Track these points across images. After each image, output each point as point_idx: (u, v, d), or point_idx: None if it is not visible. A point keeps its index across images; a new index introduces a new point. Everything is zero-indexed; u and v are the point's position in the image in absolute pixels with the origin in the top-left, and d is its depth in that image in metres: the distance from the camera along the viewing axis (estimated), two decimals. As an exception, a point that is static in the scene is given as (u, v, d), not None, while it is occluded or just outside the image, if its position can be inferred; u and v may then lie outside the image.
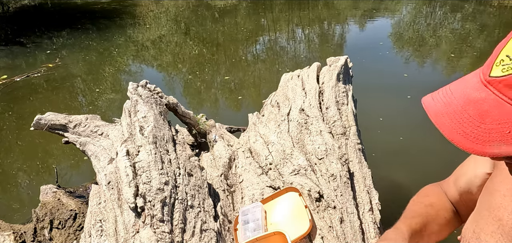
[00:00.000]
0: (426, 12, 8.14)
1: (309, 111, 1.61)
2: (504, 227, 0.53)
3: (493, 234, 0.55)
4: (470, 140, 0.37)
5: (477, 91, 0.39)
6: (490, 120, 0.37)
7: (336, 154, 1.34)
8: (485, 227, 0.57)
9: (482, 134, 0.37)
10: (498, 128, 0.36)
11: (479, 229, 0.58)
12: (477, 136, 0.37)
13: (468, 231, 0.62)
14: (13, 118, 3.80)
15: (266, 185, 1.32)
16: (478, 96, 0.38)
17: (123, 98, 2.11)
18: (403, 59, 5.34)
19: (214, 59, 5.66)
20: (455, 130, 0.39)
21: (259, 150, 1.50)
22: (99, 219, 1.09)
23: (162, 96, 1.71)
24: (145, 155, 1.19)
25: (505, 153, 0.35)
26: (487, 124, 0.37)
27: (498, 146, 0.36)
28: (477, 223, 0.60)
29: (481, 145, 0.37)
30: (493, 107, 0.37)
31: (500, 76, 0.36)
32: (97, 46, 6.26)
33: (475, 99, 0.39)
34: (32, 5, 9.48)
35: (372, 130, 2.97)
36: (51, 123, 1.79)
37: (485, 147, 0.36)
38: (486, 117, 0.37)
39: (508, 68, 0.36)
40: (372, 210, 1.24)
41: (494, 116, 0.36)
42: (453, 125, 0.39)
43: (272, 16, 8.46)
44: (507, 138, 0.35)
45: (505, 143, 0.35)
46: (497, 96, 0.37)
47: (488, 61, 0.40)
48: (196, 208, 1.14)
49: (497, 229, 0.54)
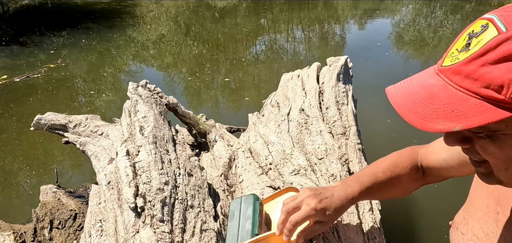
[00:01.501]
0: (426, 12, 8.14)
1: (309, 111, 1.61)
2: (490, 213, 0.61)
3: (480, 220, 0.62)
4: (420, 118, 0.43)
5: (430, 78, 0.46)
6: (438, 101, 0.43)
7: (336, 154, 1.34)
8: (474, 214, 0.64)
9: (430, 112, 0.43)
10: (443, 107, 0.42)
11: (469, 216, 0.66)
12: (426, 114, 0.43)
13: (459, 217, 0.69)
14: (13, 118, 3.80)
15: (266, 185, 1.32)
16: (430, 82, 0.45)
17: (123, 98, 2.11)
18: (403, 59, 5.34)
19: (214, 59, 5.66)
20: (408, 109, 0.45)
21: (259, 150, 1.50)
22: (99, 219, 1.09)
23: (162, 96, 1.71)
24: (145, 155, 1.19)
25: (447, 129, 0.41)
26: (435, 104, 0.43)
27: (442, 123, 0.42)
28: (468, 210, 0.67)
29: (429, 122, 0.43)
30: (441, 90, 0.43)
31: (449, 65, 0.44)
32: (97, 46, 6.26)
33: (428, 85, 0.45)
34: (32, 5, 9.48)
35: (372, 130, 2.97)
36: (51, 123, 1.79)
37: (433, 123, 0.42)
38: (435, 98, 0.43)
39: (455, 58, 0.43)
40: (372, 210, 1.24)
41: (442, 98, 0.43)
42: (407, 105, 0.46)
43: (272, 16, 8.46)
44: (451, 116, 0.41)
45: (448, 120, 0.41)
46: (445, 81, 0.44)
47: (443, 55, 0.47)
48: (196, 208, 1.14)
49: (484, 216, 0.62)
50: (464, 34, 0.44)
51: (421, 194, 2.48)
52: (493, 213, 0.60)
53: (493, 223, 0.59)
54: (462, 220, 0.67)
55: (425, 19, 7.60)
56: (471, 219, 0.64)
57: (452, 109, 0.41)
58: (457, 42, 0.45)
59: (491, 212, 0.60)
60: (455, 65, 0.42)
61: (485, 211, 0.61)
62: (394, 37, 6.50)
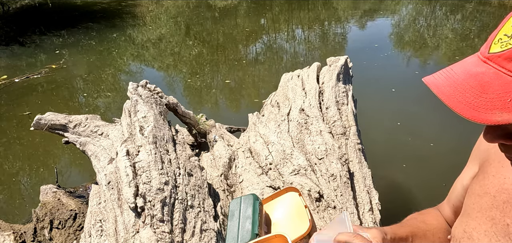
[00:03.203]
0: (426, 12, 8.14)
1: (309, 111, 1.61)
2: (497, 225, 0.57)
3: (487, 233, 0.58)
4: (473, 109, 0.40)
5: (477, 66, 0.42)
6: (492, 90, 0.39)
7: (336, 154, 1.34)
8: (478, 227, 0.60)
9: (484, 103, 0.39)
10: (499, 97, 0.38)
11: (471, 229, 0.61)
12: (479, 105, 0.39)
13: (458, 231, 0.65)
14: (13, 118, 3.80)
15: (266, 185, 1.32)
16: (478, 70, 0.41)
17: (123, 98, 2.11)
18: (403, 59, 5.34)
19: (214, 59, 5.67)
20: (457, 99, 0.41)
21: (259, 150, 1.50)
22: (99, 219, 1.09)
23: (162, 96, 1.71)
24: (145, 155, 1.19)
25: (506, 121, 0.38)
26: (489, 94, 0.39)
27: (500, 114, 0.38)
28: (468, 224, 0.62)
29: (484, 113, 0.39)
30: (493, 79, 0.40)
31: (499, 51, 0.40)
32: (97, 46, 6.26)
33: (476, 73, 0.41)
34: (32, 5, 9.48)
35: (372, 130, 2.97)
36: (51, 123, 1.79)
37: (488, 115, 0.39)
38: (488, 88, 0.39)
39: (506, 44, 0.39)
40: (372, 210, 1.24)
41: (495, 87, 0.39)
42: (455, 95, 0.42)
43: (272, 16, 8.46)
44: (509, 106, 0.38)
45: (507, 111, 0.38)
46: (496, 69, 0.40)
47: (486, 43, 0.43)
48: (196, 208, 1.14)
49: (491, 228, 0.58)
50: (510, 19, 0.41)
51: (421, 195, 2.48)
52: (501, 225, 0.56)
53: (505, 236, 0.56)
54: (463, 234, 0.63)
55: (425, 19, 7.60)
56: (475, 232, 0.60)
57: (509, 98, 0.38)
58: (504, 27, 0.41)
59: (499, 224, 0.57)
60: (508, 51, 0.39)
61: (491, 223, 0.58)
62: (394, 37, 6.50)
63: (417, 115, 3.45)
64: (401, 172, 2.70)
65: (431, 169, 2.68)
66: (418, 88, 3.92)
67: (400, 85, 4.22)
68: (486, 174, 0.63)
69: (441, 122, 3.18)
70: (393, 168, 2.74)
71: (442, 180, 2.38)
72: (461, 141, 2.80)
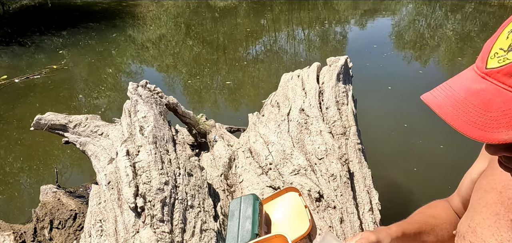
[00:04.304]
0: (426, 12, 8.14)
1: (309, 111, 1.61)
2: (501, 220, 0.57)
3: (490, 228, 0.58)
4: (479, 128, 0.38)
5: (477, 83, 0.40)
6: (495, 107, 0.38)
7: (336, 154, 1.34)
8: (482, 222, 0.60)
9: (489, 121, 0.38)
10: (503, 114, 0.37)
11: (475, 224, 0.61)
12: (484, 124, 0.38)
13: (463, 226, 0.65)
14: (13, 118, 3.80)
15: (266, 185, 1.32)
16: (478, 87, 0.40)
17: (123, 98, 2.11)
18: (403, 59, 5.33)
19: (214, 59, 5.67)
20: (462, 120, 0.40)
21: (259, 150, 1.50)
22: (99, 219, 1.09)
23: (162, 96, 1.71)
24: (145, 155, 1.19)
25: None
26: (493, 112, 0.38)
27: (506, 132, 0.37)
28: (472, 219, 0.63)
29: (490, 132, 0.37)
30: (495, 96, 0.38)
31: (498, 67, 0.38)
32: (97, 46, 6.26)
33: (477, 90, 0.40)
34: (32, 5, 9.48)
35: (372, 130, 2.97)
36: (51, 123, 1.79)
37: (495, 134, 0.37)
38: (491, 105, 0.38)
39: (504, 59, 0.38)
40: (372, 210, 1.24)
41: (498, 104, 0.38)
42: (459, 115, 0.40)
43: (272, 16, 8.46)
44: None
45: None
46: (497, 86, 0.38)
47: (480, 57, 0.42)
48: (196, 208, 1.14)
49: (494, 223, 0.58)
50: (503, 32, 0.40)
51: (422, 195, 2.48)
52: (505, 220, 0.57)
53: (508, 230, 0.56)
54: (467, 229, 0.63)
55: (425, 19, 7.60)
56: (479, 227, 0.61)
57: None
58: (498, 41, 0.40)
59: (502, 219, 0.57)
60: (506, 66, 0.37)
61: (495, 218, 0.58)
62: (394, 37, 6.50)
63: (417, 115, 3.45)
64: (401, 172, 2.70)
65: (431, 169, 2.68)
66: (418, 88, 3.92)
67: (400, 84, 4.22)
68: (494, 170, 0.63)
69: (442, 121, 3.18)
70: (393, 168, 2.75)
71: (442, 180, 2.38)
72: (461, 141, 2.79)
